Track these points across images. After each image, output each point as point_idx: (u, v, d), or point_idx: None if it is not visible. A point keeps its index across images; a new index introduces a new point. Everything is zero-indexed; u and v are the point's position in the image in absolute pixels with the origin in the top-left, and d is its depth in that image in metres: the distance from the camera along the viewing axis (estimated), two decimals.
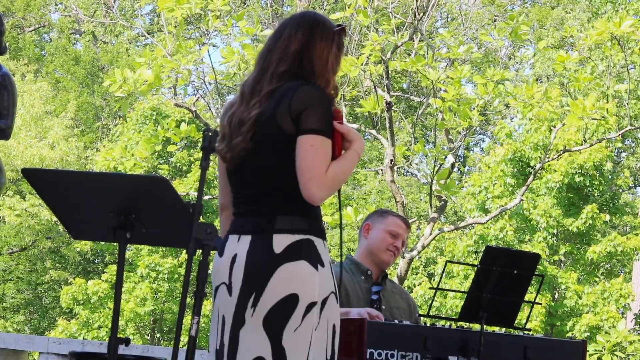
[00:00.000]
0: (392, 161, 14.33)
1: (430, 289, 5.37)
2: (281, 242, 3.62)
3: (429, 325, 4.77)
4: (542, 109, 13.80)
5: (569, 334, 20.32)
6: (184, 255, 21.81)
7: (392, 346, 4.51)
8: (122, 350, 3.52)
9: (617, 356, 18.38)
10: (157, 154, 21.22)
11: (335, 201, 13.88)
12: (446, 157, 15.43)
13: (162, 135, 15.77)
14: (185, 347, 3.25)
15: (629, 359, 17.59)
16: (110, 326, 3.51)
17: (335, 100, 3.83)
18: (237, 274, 3.63)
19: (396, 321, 4.71)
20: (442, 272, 5.58)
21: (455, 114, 13.83)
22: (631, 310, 21.79)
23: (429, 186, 14.58)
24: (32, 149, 24.65)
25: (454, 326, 4.82)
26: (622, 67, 15.89)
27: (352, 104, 21.96)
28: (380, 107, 13.92)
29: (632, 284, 22.28)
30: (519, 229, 21.63)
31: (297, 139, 3.64)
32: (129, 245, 3.58)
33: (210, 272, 3.63)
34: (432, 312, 5.16)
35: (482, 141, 31.80)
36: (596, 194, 21.87)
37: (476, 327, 4.78)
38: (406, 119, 24.98)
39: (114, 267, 23.17)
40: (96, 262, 29.04)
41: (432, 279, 22.80)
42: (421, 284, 21.18)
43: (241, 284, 3.61)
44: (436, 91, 13.83)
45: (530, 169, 21.16)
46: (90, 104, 30.34)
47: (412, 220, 23.44)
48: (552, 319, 21.39)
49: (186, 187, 21.58)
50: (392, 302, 5.31)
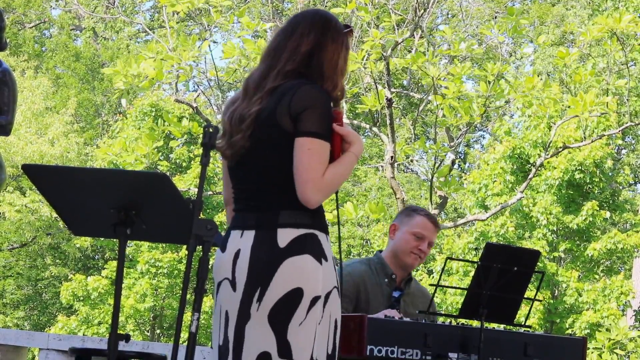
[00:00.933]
0: (392, 158, 14.33)
1: (430, 285, 5.41)
2: (285, 236, 3.62)
3: (429, 322, 4.77)
4: (542, 100, 13.79)
5: (569, 331, 20.33)
6: (184, 251, 21.79)
7: (392, 343, 4.51)
8: (122, 346, 3.52)
9: (617, 354, 18.38)
10: (157, 149, 21.22)
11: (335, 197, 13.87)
12: (447, 154, 15.43)
13: (162, 130, 15.77)
14: (185, 344, 3.25)
15: (629, 356, 17.60)
16: (110, 322, 3.51)
17: (340, 101, 3.82)
18: (241, 269, 3.62)
19: (396, 318, 4.71)
20: (442, 269, 5.56)
21: (456, 112, 13.83)
22: (631, 307, 21.80)
23: (429, 183, 14.58)
24: (32, 145, 24.65)
25: (454, 323, 4.81)
26: (622, 64, 15.88)
27: (353, 101, 21.95)
28: (380, 104, 13.92)
29: (633, 281, 22.27)
30: (519, 226, 21.63)
31: (295, 139, 3.64)
32: (129, 241, 3.57)
33: (211, 269, 3.63)
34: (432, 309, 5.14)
35: (483, 138, 31.81)
36: (596, 191, 21.87)
37: (476, 323, 4.78)
38: (407, 115, 24.98)
39: (114, 263, 23.18)
40: (96, 258, 29.05)
41: (431, 275, 22.80)
42: (421, 280, 21.19)
43: (246, 279, 3.61)
44: (437, 88, 13.82)
45: (529, 165, 21.16)
46: (90, 100, 30.34)
47: None
48: (552, 316, 21.39)
49: (186, 184, 21.57)
50: (412, 307, 5.24)
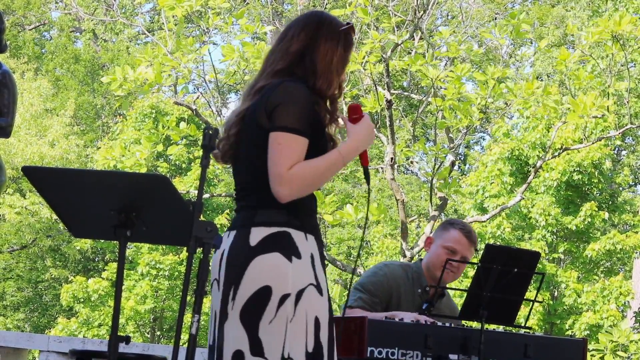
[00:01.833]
0: (392, 159, 14.33)
1: (431, 286, 5.38)
2: (257, 234, 3.63)
3: (429, 323, 4.76)
4: (541, 105, 13.79)
5: (569, 332, 20.33)
6: (185, 253, 21.81)
7: (393, 344, 4.51)
8: (122, 348, 3.52)
9: (619, 356, 18.38)
10: (156, 153, 21.23)
11: (335, 199, 13.88)
12: (446, 156, 15.43)
13: (162, 133, 15.78)
14: (185, 345, 3.25)
15: (630, 358, 17.60)
16: (110, 324, 3.51)
17: (337, 100, 3.81)
18: (222, 269, 3.68)
19: (396, 319, 4.71)
20: (443, 270, 5.54)
21: (455, 113, 13.82)
22: (631, 308, 21.80)
23: (429, 184, 14.58)
24: (32, 146, 24.65)
25: (454, 324, 4.81)
26: (623, 65, 15.88)
27: (352, 102, 21.93)
28: (380, 106, 13.92)
29: (632, 282, 22.27)
30: (518, 227, 21.63)
31: (269, 135, 3.64)
32: (129, 243, 3.58)
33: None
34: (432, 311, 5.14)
35: (483, 139, 31.81)
36: (595, 192, 21.88)
37: (476, 325, 4.77)
38: (406, 117, 24.97)
39: (114, 265, 23.17)
40: (96, 260, 29.05)
41: None
42: None
43: (224, 278, 3.66)
44: (436, 89, 13.82)
45: (528, 167, 21.17)
46: (90, 102, 30.34)
47: (413, 218, 23.47)
48: (552, 317, 21.39)
49: (186, 186, 21.56)
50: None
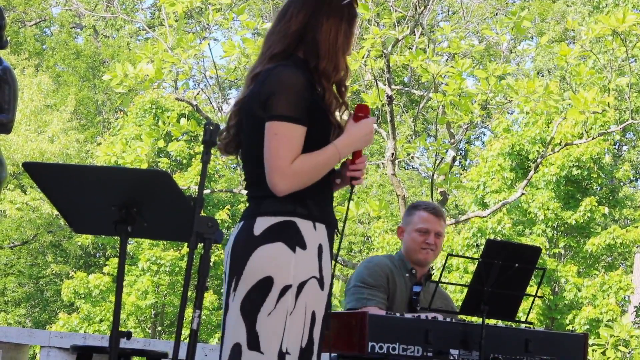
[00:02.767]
0: (393, 155, 14.32)
1: (431, 282, 5.38)
2: (262, 224, 3.50)
3: (430, 318, 4.77)
4: (543, 102, 13.79)
5: (569, 327, 20.34)
6: (186, 248, 21.83)
7: (394, 339, 4.51)
8: (123, 343, 3.52)
9: (620, 351, 18.38)
10: (157, 149, 21.23)
11: (342, 192, 13.89)
12: (447, 151, 15.43)
13: (163, 129, 15.78)
14: (186, 341, 3.25)
15: (631, 353, 17.59)
16: (111, 320, 3.51)
17: (345, 82, 3.65)
18: (228, 259, 3.58)
19: (397, 314, 4.71)
20: (444, 265, 5.55)
21: (456, 108, 13.82)
22: (631, 302, 21.81)
23: (430, 180, 14.58)
24: (31, 142, 24.65)
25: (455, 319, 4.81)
26: (624, 61, 15.88)
27: (353, 98, 21.95)
28: (381, 101, 13.91)
29: (633, 277, 22.28)
30: (518, 222, 21.64)
31: (265, 124, 3.49)
32: (130, 238, 3.57)
33: (213, 265, 3.63)
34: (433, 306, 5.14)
35: (484, 135, 31.81)
36: (595, 187, 21.89)
37: (477, 320, 4.77)
38: (407, 112, 24.96)
39: (115, 261, 23.18)
40: (97, 255, 29.06)
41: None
42: None
43: (229, 269, 3.55)
44: (437, 85, 13.82)
45: (529, 162, 21.18)
46: (91, 98, 30.34)
47: None
48: (552, 312, 21.40)
49: (187, 181, 21.57)
50: (425, 302, 5.24)
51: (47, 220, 26.16)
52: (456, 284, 6.15)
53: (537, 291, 5.10)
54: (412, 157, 25.26)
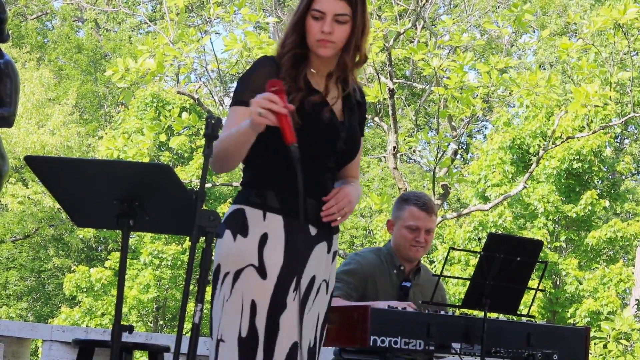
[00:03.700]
0: (395, 148, 14.33)
1: (433, 275, 5.38)
2: (227, 212, 3.60)
3: (431, 312, 4.77)
4: (544, 96, 13.78)
5: (570, 320, 20.37)
6: (187, 242, 21.85)
7: (396, 333, 4.51)
8: (125, 337, 3.52)
9: (622, 344, 18.40)
10: (159, 141, 21.24)
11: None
12: (449, 145, 15.42)
13: (164, 123, 15.79)
14: (188, 335, 3.25)
15: (633, 347, 17.61)
16: (113, 313, 3.52)
17: (285, 59, 3.55)
18: None
19: (399, 308, 4.71)
20: (446, 259, 5.53)
21: (458, 102, 13.82)
22: (632, 295, 21.83)
23: (432, 173, 14.59)
24: (32, 135, 24.66)
25: (457, 313, 4.81)
26: (625, 54, 15.87)
27: None
28: (383, 95, 13.91)
29: (634, 270, 22.30)
30: (519, 216, 21.66)
31: None
32: (132, 232, 3.57)
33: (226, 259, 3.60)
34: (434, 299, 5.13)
35: (485, 128, 31.80)
36: (596, 180, 21.90)
37: (479, 313, 4.78)
38: (409, 106, 24.96)
39: (117, 255, 23.21)
40: (99, 249, 29.09)
41: (432, 265, 22.83)
42: None
43: None
44: (439, 79, 13.81)
45: (529, 155, 21.19)
46: (93, 91, 30.35)
47: None
48: (553, 305, 21.42)
49: (188, 175, 21.58)
50: (422, 297, 5.19)
51: (49, 213, 26.18)
52: (458, 278, 6.15)
53: (538, 284, 5.10)
54: (414, 151, 25.26)
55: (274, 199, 3.53)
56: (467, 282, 4.86)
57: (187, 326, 18.92)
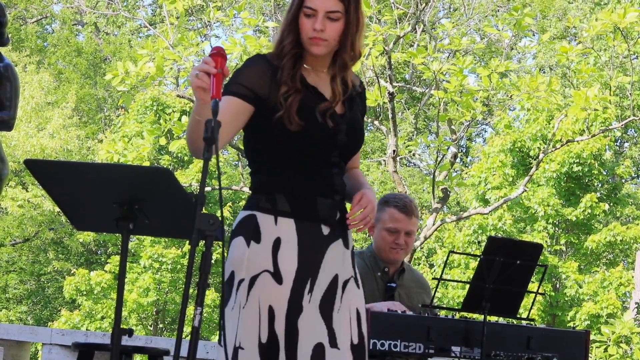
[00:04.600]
0: (394, 152, 14.33)
1: (433, 279, 5.32)
2: (238, 218, 3.58)
3: (431, 315, 4.77)
4: (545, 100, 13.78)
5: (570, 324, 20.36)
6: (187, 246, 21.83)
7: (395, 336, 4.51)
8: (125, 341, 3.52)
9: (622, 348, 18.40)
10: (159, 145, 21.25)
11: None
12: (449, 148, 15.43)
13: (164, 127, 15.80)
14: (188, 338, 3.25)
15: (633, 350, 17.62)
16: (113, 317, 3.52)
17: (284, 56, 3.54)
18: None
19: (399, 312, 4.71)
20: (445, 262, 5.52)
21: (458, 105, 13.82)
22: (632, 299, 21.83)
23: (432, 177, 14.59)
24: (32, 139, 24.66)
25: (457, 317, 4.81)
26: (625, 58, 15.88)
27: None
28: (382, 98, 13.91)
29: (634, 274, 22.31)
30: (519, 219, 21.66)
31: None
32: (132, 236, 3.57)
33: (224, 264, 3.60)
34: (434, 303, 5.12)
35: (485, 132, 31.81)
36: (596, 184, 21.90)
37: (479, 317, 4.78)
38: (409, 109, 24.97)
39: (117, 258, 23.20)
40: (99, 253, 29.08)
41: (432, 269, 22.83)
42: (423, 273, 21.17)
43: None
44: (438, 82, 13.82)
45: (530, 159, 21.18)
46: (92, 95, 30.35)
47: None
48: (553, 309, 21.41)
49: (188, 178, 21.59)
50: (407, 299, 5.18)
51: (49, 217, 26.18)
52: (458, 281, 6.13)
53: (538, 288, 5.10)
54: (414, 154, 25.27)
55: (284, 202, 3.52)
56: (467, 286, 4.86)
57: (187, 329, 18.93)
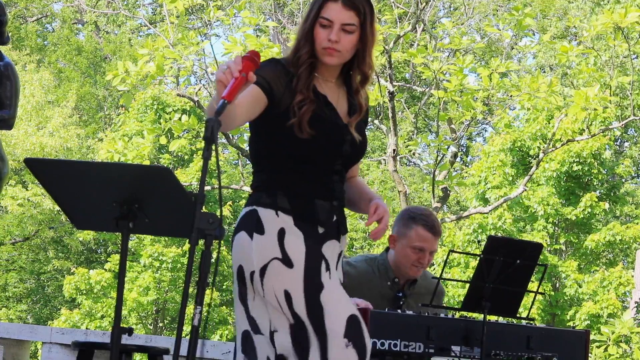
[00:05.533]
0: (394, 151, 14.33)
1: (432, 278, 5.36)
2: (241, 215, 3.65)
3: (431, 315, 4.76)
4: (545, 100, 13.77)
5: (570, 323, 20.36)
6: (187, 244, 21.82)
7: (395, 336, 4.51)
8: (125, 339, 3.53)
9: (622, 347, 18.40)
10: (159, 144, 21.24)
11: None
12: (449, 147, 15.43)
13: (164, 126, 15.80)
14: (188, 337, 3.25)
15: (632, 350, 17.62)
16: (113, 316, 3.52)
17: (301, 64, 3.62)
18: None
19: (399, 311, 4.71)
20: (445, 261, 5.51)
21: (458, 105, 13.82)
22: (632, 298, 21.83)
23: (432, 176, 14.59)
24: (32, 137, 24.65)
25: (457, 316, 4.81)
26: (625, 57, 15.87)
27: None
28: (382, 97, 13.91)
29: (634, 273, 22.31)
30: (519, 218, 21.65)
31: None
32: (131, 235, 3.57)
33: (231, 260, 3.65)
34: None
35: (485, 131, 31.81)
36: (595, 183, 21.89)
37: (478, 316, 4.77)
38: (409, 109, 24.96)
39: (117, 257, 23.20)
40: (99, 251, 29.07)
41: (432, 267, 22.83)
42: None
43: None
44: (439, 82, 13.82)
45: (530, 158, 21.18)
46: (92, 94, 30.35)
47: None
48: (553, 308, 21.41)
49: (188, 177, 21.58)
50: (417, 307, 5.13)
51: (49, 216, 26.17)
52: (457, 280, 6.12)
53: (538, 287, 5.10)
54: (414, 154, 25.26)
55: (284, 200, 3.60)
56: (467, 285, 4.85)
57: (187, 328, 18.93)
